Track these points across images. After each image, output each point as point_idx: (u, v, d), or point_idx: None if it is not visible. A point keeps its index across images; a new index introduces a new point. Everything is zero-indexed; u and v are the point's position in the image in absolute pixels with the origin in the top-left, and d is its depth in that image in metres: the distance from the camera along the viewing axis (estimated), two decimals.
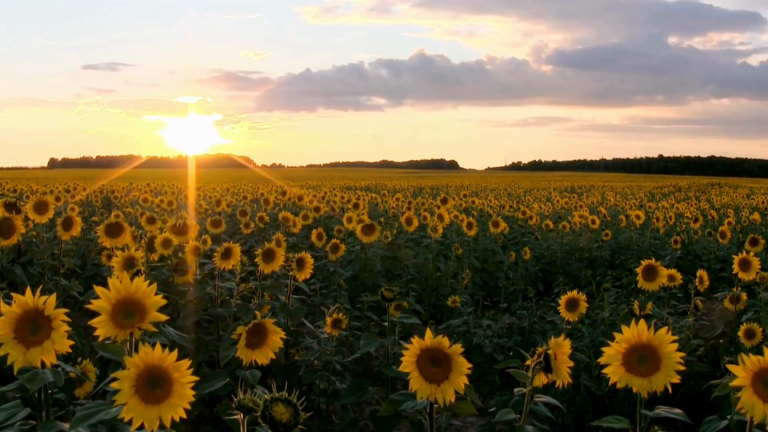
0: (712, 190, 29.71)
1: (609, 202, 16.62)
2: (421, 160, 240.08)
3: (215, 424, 3.45)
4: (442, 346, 1.60)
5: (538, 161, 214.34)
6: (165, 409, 1.37)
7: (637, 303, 3.90)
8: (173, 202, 10.00)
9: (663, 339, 1.63)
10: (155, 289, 1.59)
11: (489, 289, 7.37)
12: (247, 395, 1.43)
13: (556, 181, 49.71)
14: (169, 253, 3.92)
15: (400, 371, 1.60)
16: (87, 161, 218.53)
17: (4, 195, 12.86)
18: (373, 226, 5.79)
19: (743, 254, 3.99)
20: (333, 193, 14.91)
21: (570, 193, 24.39)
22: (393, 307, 3.35)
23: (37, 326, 1.59)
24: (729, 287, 4.27)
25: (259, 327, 1.98)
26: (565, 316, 3.43)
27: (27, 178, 43.26)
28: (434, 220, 7.42)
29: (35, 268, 4.63)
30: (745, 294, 4.19)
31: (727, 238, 7.06)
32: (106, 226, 4.06)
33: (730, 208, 14.52)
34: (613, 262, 8.58)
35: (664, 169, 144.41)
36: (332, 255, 5.27)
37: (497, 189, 27.51)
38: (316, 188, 22.50)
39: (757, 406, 1.45)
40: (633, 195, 22.61)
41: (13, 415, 1.86)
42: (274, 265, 3.60)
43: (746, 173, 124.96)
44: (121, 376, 1.36)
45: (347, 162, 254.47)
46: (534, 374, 1.94)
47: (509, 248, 8.58)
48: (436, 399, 1.61)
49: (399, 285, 5.93)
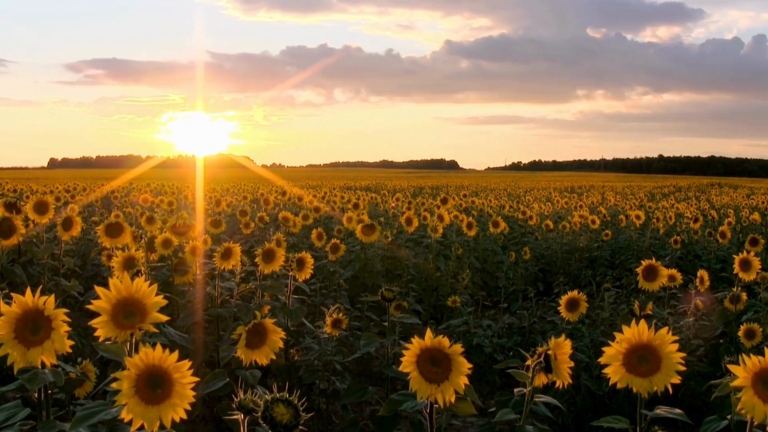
0: (712, 190, 29.71)
1: (609, 202, 16.62)
2: (421, 160, 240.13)
3: (215, 424, 3.45)
4: (442, 346, 1.60)
5: (538, 161, 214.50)
6: (165, 409, 1.37)
7: (637, 303, 3.90)
8: (173, 202, 10.00)
9: (663, 339, 1.63)
10: (155, 290, 1.59)
11: (489, 289, 7.37)
12: (247, 396, 1.43)
13: (556, 181, 49.72)
14: (169, 253, 3.92)
15: (400, 371, 1.60)
16: (87, 161, 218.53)
17: (4, 195, 12.86)
18: (373, 226, 5.79)
19: (743, 254, 3.98)
20: (333, 193, 14.90)
21: (570, 193, 24.39)
22: (393, 307, 3.35)
23: (37, 326, 1.59)
24: (729, 287, 4.26)
25: (259, 327, 1.98)
26: (565, 316, 3.44)
27: (27, 178, 43.26)
28: (434, 220, 7.42)
29: (35, 268, 4.63)
30: (745, 294, 4.19)
31: (727, 238, 7.06)
32: (106, 226, 4.06)
33: (730, 208, 14.53)
34: (613, 262, 8.58)
35: (664, 169, 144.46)
36: (332, 255, 5.26)
37: (497, 189, 27.52)
38: (316, 188, 22.51)
39: (758, 406, 1.45)
40: (633, 195, 22.61)
41: (14, 415, 1.87)
42: (274, 265, 3.60)
43: (746, 173, 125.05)
44: (122, 377, 1.36)
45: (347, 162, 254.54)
46: (534, 374, 1.94)
47: (509, 248, 8.59)
48: (436, 399, 1.60)
49: (399, 285, 5.93)
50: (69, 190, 14.51)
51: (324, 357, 3.60)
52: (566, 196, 19.09)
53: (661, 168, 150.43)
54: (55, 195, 12.48)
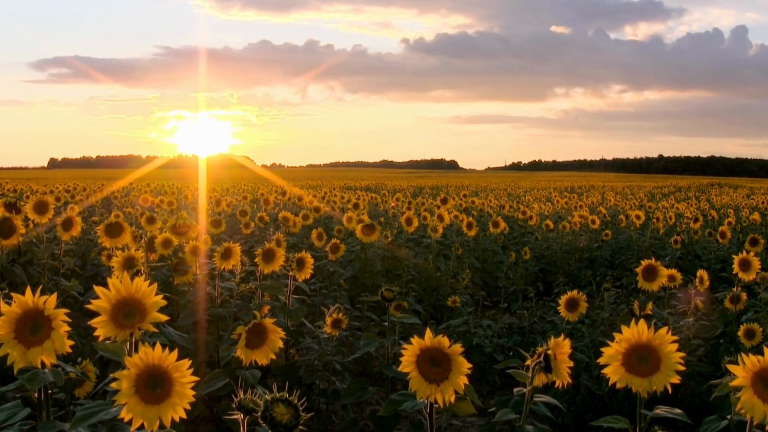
0: (712, 190, 29.71)
1: (609, 202, 16.62)
2: (421, 160, 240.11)
3: (215, 424, 3.45)
4: (441, 346, 1.60)
5: (538, 161, 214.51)
6: (165, 409, 1.37)
7: (637, 303, 3.90)
8: (173, 203, 10.00)
9: (663, 339, 1.63)
10: (155, 290, 1.59)
11: (489, 289, 7.37)
12: (247, 396, 1.43)
13: (556, 181, 49.71)
14: (169, 253, 3.92)
15: (400, 371, 1.60)
16: (87, 161, 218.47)
17: (4, 195, 12.86)
18: (373, 226, 5.79)
19: (743, 254, 3.98)
20: (333, 193, 14.90)
21: (570, 193, 24.39)
22: (393, 307, 3.35)
23: (37, 326, 1.59)
24: (729, 287, 4.26)
25: (259, 327, 1.98)
26: (565, 316, 3.44)
27: (27, 178, 43.24)
28: (434, 220, 7.42)
29: (35, 268, 4.63)
30: (745, 294, 4.19)
31: (727, 238, 7.06)
32: (106, 226, 4.06)
33: (730, 208, 14.52)
34: (613, 262, 8.58)
35: (664, 169, 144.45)
36: (332, 255, 5.26)
37: (497, 189, 27.51)
38: (316, 188, 22.50)
39: (757, 406, 1.45)
40: (633, 195, 22.61)
41: (14, 415, 1.87)
42: (274, 265, 3.60)
43: (746, 173, 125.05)
44: (121, 376, 1.36)
45: (347, 162, 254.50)
46: (534, 374, 1.94)
47: (509, 248, 8.58)
48: (436, 399, 1.60)
49: (399, 285, 5.93)
50: (69, 190, 14.51)
51: (324, 357, 3.60)
52: (566, 196, 19.08)
53: (661, 168, 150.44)
54: (55, 195, 12.49)
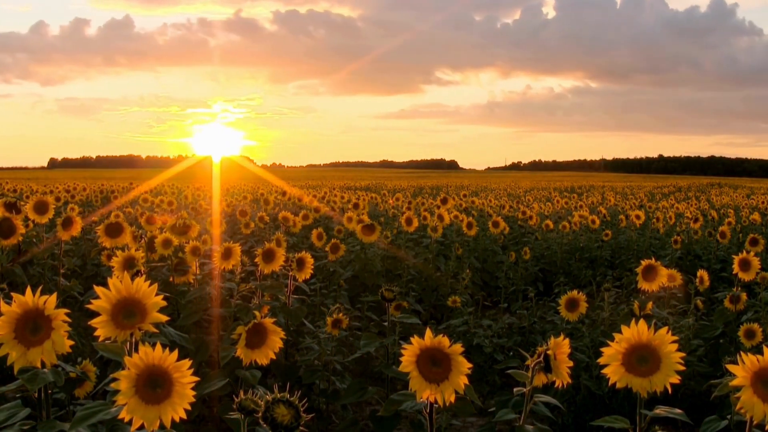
0: (712, 190, 29.71)
1: (609, 202, 16.62)
2: (421, 160, 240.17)
3: (215, 424, 3.46)
4: (442, 346, 1.60)
5: (538, 161, 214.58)
6: (165, 409, 1.37)
7: (637, 303, 3.90)
8: (173, 203, 10.00)
9: (663, 339, 1.63)
10: (155, 290, 1.59)
11: (489, 289, 7.37)
12: (248, 396, 1.43)
13: (556, 181, 49.71)
14: (169, 253, 3.92)
15: (400, 371, 1.60)
16: (87, 161, 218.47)
17: (4, 195, 12.87)
18: (373, 226, 5.79)
19: (743, 254, 3.98)
20: (333, 193, 14.90)
21: (570, 193, 24.39)
22: (393, 307, 3.36)
23: (38, 326, 1.59)
24: (729, 287, 4.27)
25: (259, 327, 1.98)
26: (565, 316, 3.44)
27: (27, 178, 43.23)
28: (434, 220, 7.42)
29: (35, 268, 4.63)
30: (745, 294, 4.19)
31: (727, 238, 7.06)
32: (106, 226, 4.06)
33: (730, 208, 14.52)
34: (613, 262, 8.58)
35: (664, 169, 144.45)
36: (332, 255, 5.27)
37: (497, 189, 27.50)
38: (315, 188, 22.50)
39: (757, 405, 1.46)
40: (633, 195, 22.60)
41: (14, 415, 1.87)
42: (274, 265, 3.60)
43: (746, 173, 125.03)
44: (121, 376, 1.36)
45: (347, 162, 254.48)
46: (534, 374, 1.94)
47: (509, 248, 8.58)
48: (436, 399, 1.61)
49: (399, 285, 5.93)
50: (69, 190, 14.51)
51: (324, 357, 3.60)
52: (566, 196, 19.08)
53: (661, 168, 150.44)
54: (55, 195, 12.49)
